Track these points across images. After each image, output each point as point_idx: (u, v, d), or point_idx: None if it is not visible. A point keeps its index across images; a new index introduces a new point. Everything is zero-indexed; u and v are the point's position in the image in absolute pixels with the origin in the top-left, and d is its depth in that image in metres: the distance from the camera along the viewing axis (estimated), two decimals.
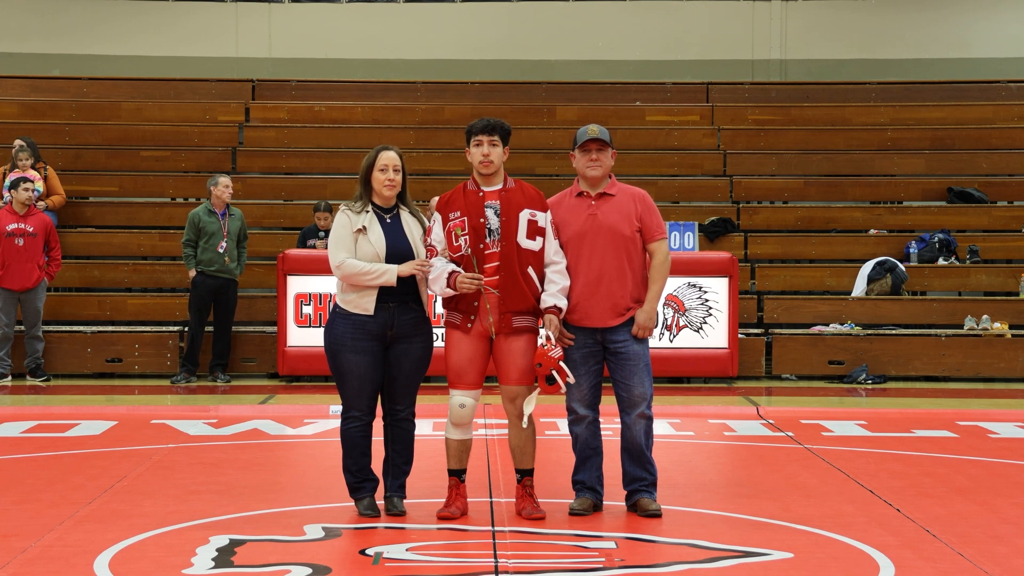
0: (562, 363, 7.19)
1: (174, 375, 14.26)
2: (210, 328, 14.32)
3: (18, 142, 15.97)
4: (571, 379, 7.23)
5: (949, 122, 19.03)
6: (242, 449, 9.94)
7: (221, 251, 14.08)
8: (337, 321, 7.29)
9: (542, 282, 7.30)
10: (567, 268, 7.36)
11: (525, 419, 7.27)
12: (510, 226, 7.24)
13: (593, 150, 7.45)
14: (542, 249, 7.30)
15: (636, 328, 7.39)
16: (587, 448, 7.50)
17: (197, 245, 14.09)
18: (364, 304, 7.22)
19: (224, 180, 14.23)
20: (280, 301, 14.00)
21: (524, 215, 7.27)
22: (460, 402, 7.26)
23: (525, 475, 7.35)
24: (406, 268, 7.20)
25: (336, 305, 7.36)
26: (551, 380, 7.18)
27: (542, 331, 7.26)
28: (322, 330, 7.67)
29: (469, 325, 7.24)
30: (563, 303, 7.27)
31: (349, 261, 7.20)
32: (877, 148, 18.53)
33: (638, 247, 7.46)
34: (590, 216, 7.41)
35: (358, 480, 7.35)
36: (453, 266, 7.23)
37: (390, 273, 7.17)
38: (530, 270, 7.27)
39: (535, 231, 7.28)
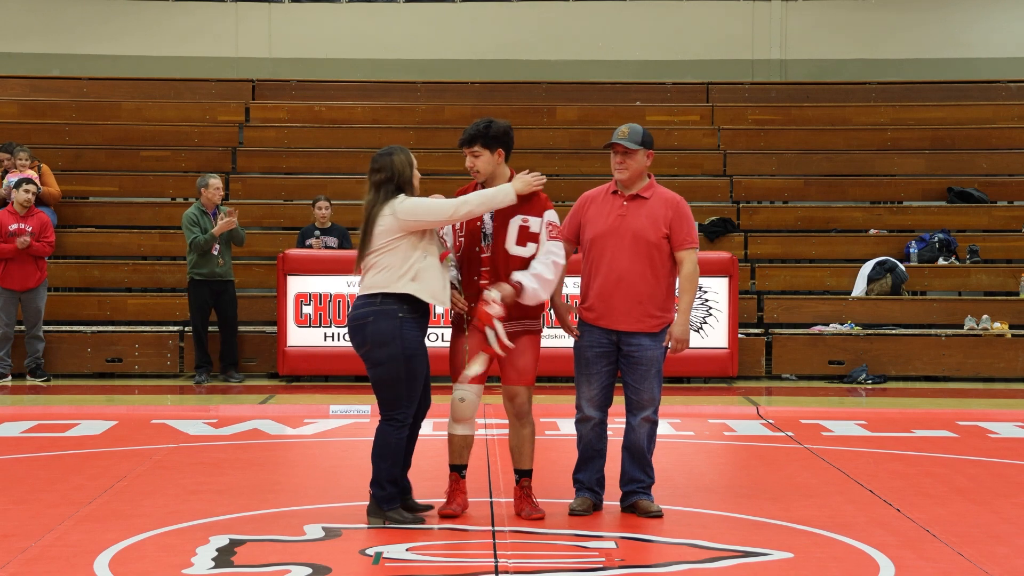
0: (498, 325, 7.02)
1: (193, 375, 14.23)
2: (214, 329, 14.30)
3: (9, 146, 15.88)
4: (509, 344, 7.06)
5: (949, 122, 19.03)
6: (242, 449, 9.93)
7: (215, 253, 14.04)
8: (406, 325, 7.02)
9: None
10: (591, 268, 7.28)
11: (466, 377, 7.14)
12: (499, 233, 7.19)
13: (618, 152, 7.35)
14: (534, 255, 7.22)
15: (673, 344, 7.28)
16: (590, 449, 7.47)
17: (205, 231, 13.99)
18: (441, 295, 7.07)
19: (214, 182, 14.16)
20: (280, 301, 13.99)
21: (515, 221, 7.19)
22: (460, 396, 7.27)
23: (523, 476, 7.34)
24: (519, 185, 7.09)
25: (396, 305, 7.01)
26: (488, 338, 7.04)
27: (486, 293, 7.09)
28: (323, 330, 7.63)
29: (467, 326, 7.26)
30: (529, 283, 7.08)
31: (463, 198, 7.08)
32: (877, 148, 18.52)
33: (664, 254, 7.32)
34: (618, 217, 7.31)
35: (397, 490, 7.12)
36: (455, 272, 7.26)
37: (507, 190, 7.07)
38: None
39: (526, 237, 7.19)
